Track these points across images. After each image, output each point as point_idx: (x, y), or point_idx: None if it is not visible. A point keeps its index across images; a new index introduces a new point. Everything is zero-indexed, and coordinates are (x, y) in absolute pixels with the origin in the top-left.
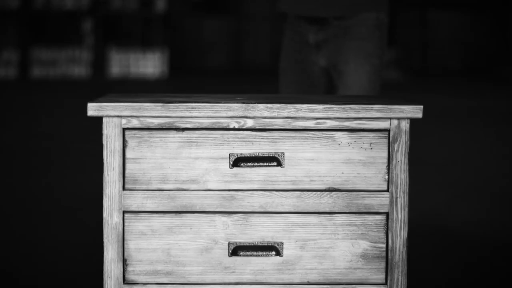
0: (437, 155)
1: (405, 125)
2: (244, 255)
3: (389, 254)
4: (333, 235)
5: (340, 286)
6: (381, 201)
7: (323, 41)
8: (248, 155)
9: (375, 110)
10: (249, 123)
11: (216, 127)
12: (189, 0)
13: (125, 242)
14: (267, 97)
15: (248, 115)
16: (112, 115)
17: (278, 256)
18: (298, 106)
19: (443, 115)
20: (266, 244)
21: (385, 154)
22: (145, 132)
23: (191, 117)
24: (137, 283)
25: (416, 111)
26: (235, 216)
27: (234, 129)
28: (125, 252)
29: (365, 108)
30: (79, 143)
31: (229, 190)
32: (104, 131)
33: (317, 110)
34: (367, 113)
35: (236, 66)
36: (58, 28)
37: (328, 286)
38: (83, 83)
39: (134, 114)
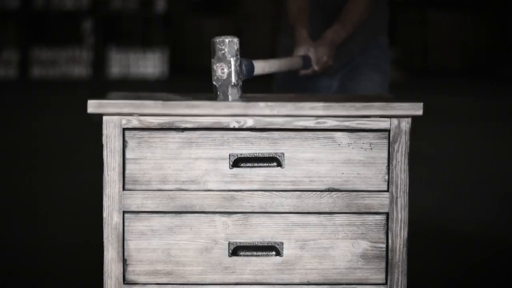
0: (437, 155)
1: (405, 125)
2: (244, 255)
3: (389, 254)
4: (333, 235)
5: (340, 286)
6: (381, 201)
7: (340, 66)
8: (248, 156)
9: (375, 107)
10: (249, 122)
11: (216, 127)
12: (189, 0)
13: (125, 242)
14: (268, 96)
15: (249, 113)
16: (112, 113)
17: (278, 256)
18: (298, 104)
19: (443, 115)
20: (266, 244)
21: (385, 154)
22: (145, 133)
23: (191, 115)
24: (137, 283)
25: (416, 108)
26: (235, 216)
27: (234, 129)
28: (125, 252)
29: (365, 106)
30: (79, 143)
31: (229, 191)
32: (104, 131)
33: (318, 108)
34: (368, 110)
35: None
36: (58, 28)
37: (328, 286)
38: (83, 83)
39: (134, 111)
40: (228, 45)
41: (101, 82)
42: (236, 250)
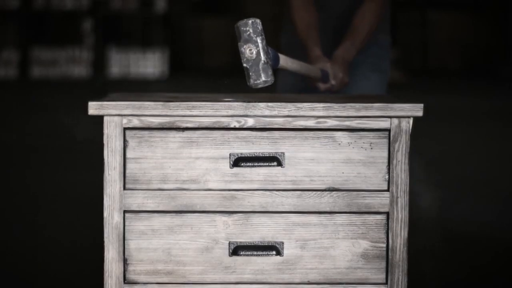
0: (437, 155)
1: (405, 124)
2: (244, 255)
3: (390, 254)
4: (334, 235)
5: (341, 285)
6: (381, 200)
7: None
8: (248, 155)
9: (375, 108)
10: (250, 122)
11: (216, 126)
12: (189, 0)
13: (125, 241)
14: (268, 96)
15: (249, 113)
16: (113, 114)
17: (278, 256)
18: (298, 104)
19: (443, 115)
20: (266, 244)
21: (385, 154)
22: (146, 132)
23: (192, 116)
24: (138, 283)
25: (416, 109)
26: (235, 216)
27: (234, 128)
28: (125, 252)
29: (365, 107)
30: (79, 143)
31: (229, 190)
32: (105, 131)
33: (318, 109)
34: (367, 111)
35: (236, 66)
36: (58, 28)
37: (328, 285)
38: (83, 83)
39: (135, 113)
40: (251, 25)
41: (101, 82)
42: (237, 250)
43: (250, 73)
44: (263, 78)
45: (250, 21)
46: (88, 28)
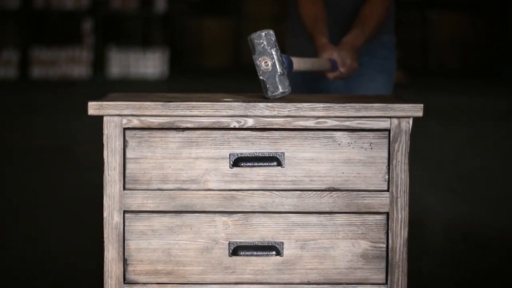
0: (437, 155)
1: (405, 125)
2: (244, 255)
3: (389, 254)
4: (333, 235)
5: (340, 286)
6: (381, 201)
7: None
8: (248, 155)
9: (375, 108)
10: (250, 122)
11: (216, 126)
12: (189, 0)
13: (125, 242)
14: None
15: (249, 114)
16: (112, 114)
17: (278, 256)
18: (298, 105)
19: (443, 115)
20: (266, 244)
21: (385, 154)
22: (146, 132)
23: (192, 116)
24: (138, 283)
25: (416, 109)
26: (235, 216)
27: (234, 128)
28: (125, 252)
29: (365, 107)
30: (79, 143)
31: (229, 190)
32: (105, 131)
33: (318, 109)
34: (367, 111)
35: (236, 66)
36: (58, 28)
37: (328, 286)
38: (83, 83)
39: (135, 113)
40: (265, 37)
41: (101, 82)
42: (237, 250)
43: (267, 85)
44: (280, 90)
45: (263, 33)
46: (88, 28)
